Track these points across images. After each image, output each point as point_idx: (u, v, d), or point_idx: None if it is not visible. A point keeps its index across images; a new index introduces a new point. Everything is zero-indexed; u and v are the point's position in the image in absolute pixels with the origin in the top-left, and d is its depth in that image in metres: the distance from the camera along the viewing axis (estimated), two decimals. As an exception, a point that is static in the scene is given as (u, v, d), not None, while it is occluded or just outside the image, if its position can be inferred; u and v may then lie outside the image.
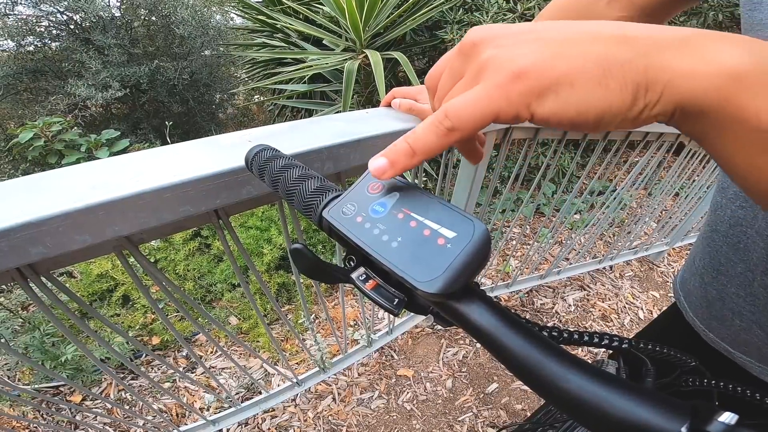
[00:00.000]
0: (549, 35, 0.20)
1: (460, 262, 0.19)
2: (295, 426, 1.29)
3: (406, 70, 1.62)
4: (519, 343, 0.19)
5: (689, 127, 0.19)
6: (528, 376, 0.18)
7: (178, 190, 0.37)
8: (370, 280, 0.23)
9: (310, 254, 0.24)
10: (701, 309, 0.54)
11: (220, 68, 3.96)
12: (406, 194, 0.24)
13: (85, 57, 2.89)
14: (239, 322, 1.67)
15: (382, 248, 0.21)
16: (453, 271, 0.19)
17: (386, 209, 0.23)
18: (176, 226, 0.45)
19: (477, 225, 0.20)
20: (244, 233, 1.80)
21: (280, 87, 2.26)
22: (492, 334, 0.19)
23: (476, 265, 0.20)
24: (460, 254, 0.19)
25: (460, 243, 0.20)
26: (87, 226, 0.34)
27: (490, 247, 0.20)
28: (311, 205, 0.26)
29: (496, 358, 0.20)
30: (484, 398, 1.41)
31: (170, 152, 0.40)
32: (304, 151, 0.45)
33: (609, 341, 0.28)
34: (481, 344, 0.20)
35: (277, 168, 0.29)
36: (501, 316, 0.19)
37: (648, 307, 2.04)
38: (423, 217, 0.22)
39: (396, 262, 0.20)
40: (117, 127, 2.93)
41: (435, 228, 0.21)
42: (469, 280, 0.20)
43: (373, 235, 0.22)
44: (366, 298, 0.23)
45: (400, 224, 0.22)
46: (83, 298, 1.64)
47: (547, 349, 0.19)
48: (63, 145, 2.28)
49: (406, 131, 0.57)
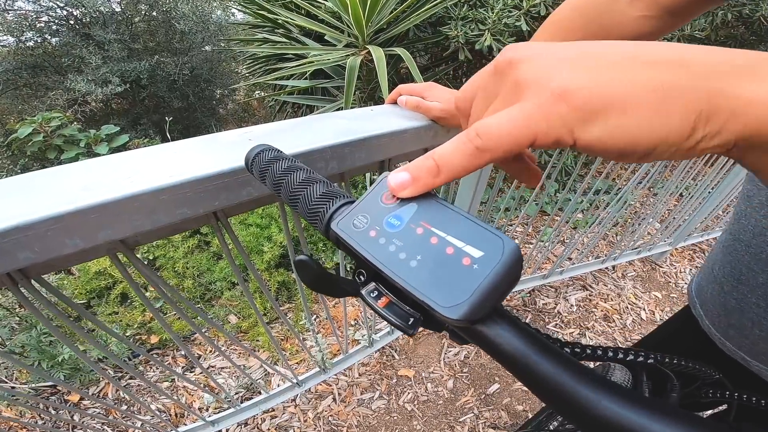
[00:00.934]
0: (596, 56, 0.18)
1: (488, 285, 0.17)
2: (295, 426, 1.28)
3: (410, 66, 1.59)
4: (549, 369, 0.17)
5: (752, 159, 0.17)
6: (560, 403, 0.17)
7: (175, 192, 0.35)
8: (382, 296, 0.21)
9: (315, 266, 0.22)
10: (719, 317, 0.53)
11: (221, 64, 3.93)
12: (425, 205, 0.21)
13: (85, 52, 2.87)
14: (239, 320, 1.66)
15: (400, 268, 0.19)
16: (480, 295, 0.17)
17: (403, 223, 0.21)
18: (173, 228, 0.43)
19: (507, 243, 0.18)
20: (244, 231, 1.79)
21: (281, 83, 2.24)
22: (519, 359, 0.17)
23: (506, 288, 0.18)
24: (489, 276, 0.17)
25: (488, 263, 0.18)
26: (78, 229, 0.33)
27: (521, 267, 0.18)
28: (317, 213, 0.24)
29: (523, 383, 0.18)
30: (485, 399, 1.39)
31: (167, 151, 0.38)
32: (308, 150, 0.43)
33: (634, 356, 0.26)
34: (506, 368, 0.18)
35: (279, 171, 0.27)
36: (529, 340, 0.18)
37: (650, 307, 2.02)
38: (445, 232, 0.19)
39: (415, 284, 0.18)
40: (117, 122, 2.92)
41: (459, 245, 0.19)
42: (497, 304, 0.18)
43: (389, 252, 0.20)
44: (377, 315, 0.21)
45: (419, 240, 0.20)
46: (81, 295, 1.62)
47: (580, 374, 0.17)
48: (62, 140, 2.26)
49: (413, 130, 0.56)
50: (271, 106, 3.05)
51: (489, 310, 0.18)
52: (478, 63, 2.57)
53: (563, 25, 0.52)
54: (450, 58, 2.23)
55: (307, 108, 2.33)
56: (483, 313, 0.17)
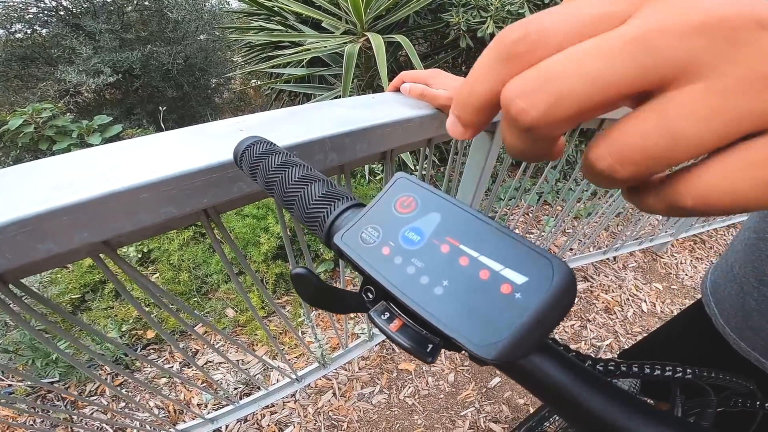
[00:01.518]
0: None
1: (534, 319, 0.14)
2: (295, 422, 1.26)
3: (410, 53, 1.55)
4: (599, 405, 0.14)
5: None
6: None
7: (158, 190, 0.31)
8: (395, 318, 0.17)
9: (315, 280, 0.18)
10: (735, 318, 0.52)
11: (216, 52, 3.85)
12: (450, 216, 0.17)
13: (75, 43, 2.82)
14: (236, 314, 1.63)
15: (422, 296, 0.16)
16: (524, 332, 0.14)
17: (424, 238, 0.17)
18: (159, 227, 0.39)
19: (557, 266, 0.14)
20: (239, 222, 1.75)
21: (277, 71, 2.18)
22: (564, 394, 0.15)
23: (556, 322, 0.14)
24: (535, 309, 0.14)
25: (534, 292, 0.14)
26: (50, 233, 0.29)
27: (575, 296, 0.14)
28: (316, 218, 0.20)
29: (566, 420, 0.15)
30: (486, 393, 1.38)
31: (150, 144, 0.35)
32: (305, 141, 0.39)
33: (672, 372, 0.23)
34: (546, 403, 0.15)
35: (272, 167, 0.23)
36: (574, 372, 0.15)
37: (651, 299, 2.01)
38: (478, 251, 0.16)
39: (442, 317, 0.15)
40: (110, 112, 2.88)
41: (496, 269, 0.15)
42: (544, 339, 0.15)
43: (408, 275, 0.16)
44: (389, 339, 0.17)
45: (445, 261, 0.16)
46: (75, 290, 1.59)
47: (632, 407, 0.14)
48: (54, 131, 2.22)
49: (418, 119, 0.52)
50: (268, 95, 2.99)
51: (534, 348, 0.15)
52: (479, 51, 2.51)
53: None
54: (450, 45, 2.17)
55: (304, 96, 2.28)
56: (527, 353, 0.14)
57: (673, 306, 1.95)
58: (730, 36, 0.11)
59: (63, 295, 1.56)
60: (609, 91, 0.12)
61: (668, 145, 0.11)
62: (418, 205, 0.18)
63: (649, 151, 0.12)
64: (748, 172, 0.11)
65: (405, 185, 0.19)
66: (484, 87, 0.15)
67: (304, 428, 1.25)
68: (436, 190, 0.18)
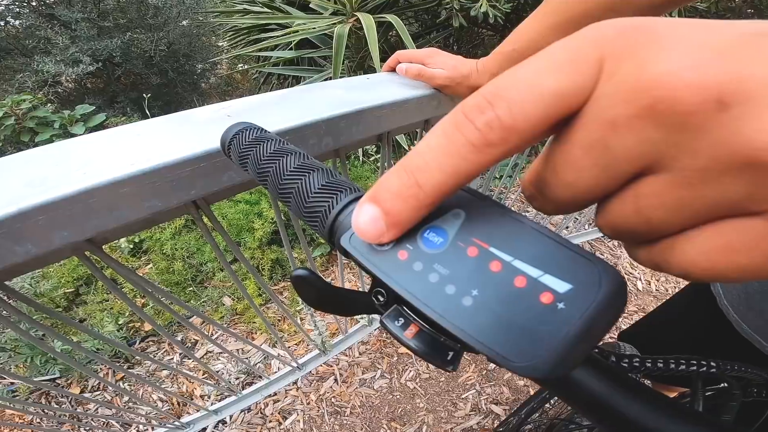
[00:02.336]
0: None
1: (580, 332, 0.12)
2: (298, 409, 1.27)
3: (401, 34, 1.50)
4: (649, 418, 0.13)
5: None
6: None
7: (140, 183, 0.29)
8: (410, 324, 0.15)
9: (317, 281, 0.16)
10: (738, 299, 0.52)
11: (200, 38, 3.73)
12: (475, 212, 0.15)
13: (51, 33, 2.74)
14: (234, 302, 1.62)
15: (449, 308, 0.13)
16: (570, 346, 0.12)
17: (447, 239, 0.14)
18: (146, 222, 0.37)
19: (605, 271, 0.12)
20: (232, 208, 1.71)
21: (264, 54, 2.11)
22: (608, 407, 0.13)
23: (604, 333, 0.12)
24: (581, 321, 0.12)
25: (579, 302, 0.12)
26: (26, 234, 0.27)
27: (625, 304, 0.12)
28: (317, 213, 0.18)
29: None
30: (486, 375, 1.40)
31: (129, 133, 0.32)
32: (299, 125, 0.37)
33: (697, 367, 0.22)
34: (587, 417, 0.14)
35: (264, 155, 0.20)
36: (617, 382, 0.13)
37: (646, 277, 2.03)
38: (511, 254, 0.13)
39: (474, 333, 0.13)
40: (92, 101, 2.80)
41: (534, 275, 0.13)
42: (591, 352, 0.13)
43: (430, 285, 0.14)
44: (405, 347, 0.15)
45: (473, 267, 0.14)
46: (68, 284, 1.57)
47: (681, 416, 0.13)
48: (35, 122, 2.16)
49: (415, 99, 0.49)
50: (256, 79, 2.92)
51: (580, 363, 0.13)
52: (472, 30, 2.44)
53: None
54: (442, 25, 2.11)
55: (294, 79, 2.21)
56: (573, 369, 0.12)
57: (667, 284, 1.97)
58: (685, 122, 0.10)
59: (56, 290, 1.53)
60: (587, 196, 0.13)
61: (647, 229, 0.12)
62: (433, 209, 0.15)
63: (634, 231, 0.13)
64: (725, 255, 0.11)
65: None
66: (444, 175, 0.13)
67: (308, 415, 1.25)
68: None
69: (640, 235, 0.13)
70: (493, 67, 0.50)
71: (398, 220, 0.14)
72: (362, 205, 0.15)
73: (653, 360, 0.21)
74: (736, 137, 0.09)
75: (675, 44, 0.10)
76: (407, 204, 0.14)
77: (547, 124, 0.12)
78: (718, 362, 0.25)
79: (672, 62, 0.10)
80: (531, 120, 0.12)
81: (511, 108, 0.12)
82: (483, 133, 0.12)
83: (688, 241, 0.11)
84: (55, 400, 1.28)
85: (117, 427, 1.18)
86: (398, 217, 0.14)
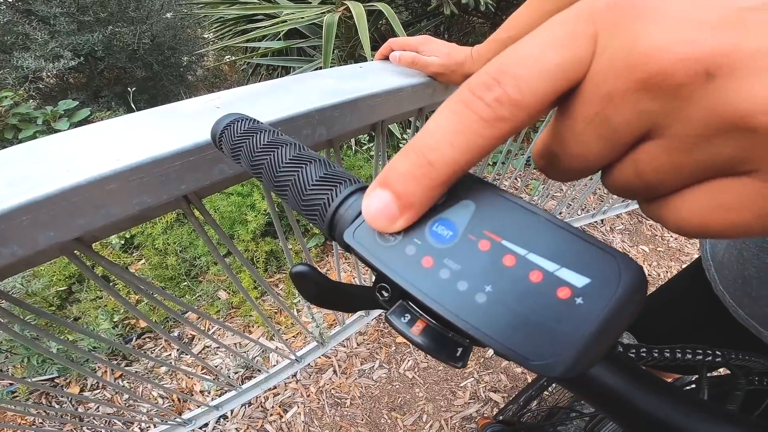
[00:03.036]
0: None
1: (601, 328, 0.11)
2: (298, 402, 1.27)
3: (392, 22, 1.47)
4: (665, 410, 0.12)
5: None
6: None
7: (127, 179, 0.28)
8: (417, 320, 0.14)
9: (317, 277, 0.16)
10: (734, 285, 0.51)
11: (185, 30, 3.65)
12: (486, 203, 0.14)
13: (29, 29, 2.66)
14: (229, 296, 1.61)
15: (462, 305, 0.13)
16: (590, 343, 0.11)
17: (457, 232, 0.14)
18: (136, 218, 0.36)
19: (624, 263, 0.12)
20: (224, 201, 1.69)
21: (252, 45, 2.07)
22: (624, 402, 0.13)
23: (624, 328, 0.12)
24: (602, 317, 0.11)
25: (598, 296, 0.11)
26: (10, 235, 0.26)
27: (645, 296, 0.12)
28: (315, 205, 0.17)
29: (623, 428, 0.13)
30: (484, 362, 1.41)
31: (113, 128, 0.31)
32: (292, 116, 0.36)
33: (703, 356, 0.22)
34: (602, 412, 0.13)
35: (258, 147, 0.20)
36: (632, 377, 0.13)
37: (639, 262, 2.05)
38: (525, 248, 0.13)
39: (490, 331, 0.12)
40: (75, 96, 2.75)
41: (550, 269, 0.12)
42: (611, 347, 0.12)
43: (441, 281, 0.13)
44: (412, 345, 0.15)
45: (485, 261, 0.13)
46: (60, 282, 1.54)
47: (690, 407, 0.13)
48: (18, 119, 2.10)
49: (409, 88, 0.48)
50: (244, 70, 2.87)
51: (600, 359, 0.12)
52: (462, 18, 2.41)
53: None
54: (433, 13, 2.08)
55: (283, 69, 2.18)
56: (593, 365, 0.12)
57: (660, 269, 2.00)
58: (676, 93, 0.10)
59: (48, 289, 1.51)
60: (594, 165, 0.13)
61: (647, 189, 0.13)
62: (447, 192, 0.15)
63: (635, 191, 0.13)
64: (716, 213, 0.11)
65: None
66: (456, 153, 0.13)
67: (308, 408, 1.26)
68: (469, 173, 0.15)
69: (642, 194, 0.14)
70: (487, 53, 0.49)
71: (411, 201, 0.14)
72: (371, 192, 0.15)
73: (660, 350, 0.21)
74: (724, 105, 0.10)
75: (665, 18, 0.10)
76: (420, 184, 0.13)
77: (553, 98, 0.12)
78: (723, 351, 0.24)
79: (662, 36, 0.10)
80: (538, 95, 0.12)
81: (519, 84, 0.12)
82: (493, 108, 0.12)
83: (681, 200, 0.12)
84: (56, 400, 1.27)
85: (119, 425, 1.17)
86: (411, 198, 0.14)
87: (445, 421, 1.26)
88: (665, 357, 0.21)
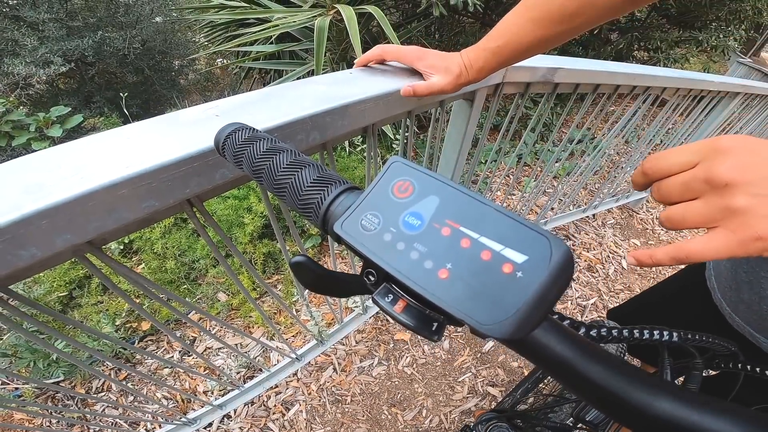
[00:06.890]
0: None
1: (537, 296, 0.14)
2: (300, 400, 1.29)
3: (383, 24, 1.49)
4: (600, 374, 0.15)
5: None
6: (611, 407, 0.15)
7: (136, 184, 0.30)
8: (399, 299, 0.17)
9: (314, 267, 0.18)
10: (729, 291, 0.52)
11: (176, 34, 3.65)
12: (448, 198, 0.18)
13: (18, 35, 2.65)
14: (228, 298, 1.63)
15: (428, 280, 0.16)
16: (529, 309, 0.14)
17: (424, 222, 0.17)
18: (143, 221, 0.38)
19: (554, 243, 0.15)
20: (221, 204, 1.71)
21: (244, 49, 2.08)
22: (568, 367, 0.15)
23: (556, 297, 0.15)
24: (537, 287, 0.14)
25: (534, 270, 0.15)
26: (30, 238, 0.28)
27: (573, 271, 0.15)
28: (310, 204, 0.20)
29: (570, 390, 0.16)
30: (481, 357, 1.44)
31: (120, 137, 0.33)
32: (287, 122, 0.38)
33: (660, 336, 0.25)
34: (551, 375, 0.16)
35: (258, 154, 0.22)
36: (575, 345, 0.16)
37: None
38: (478, 232, 0.16)
39: (449, 300, 0.15)
40: (67, 102, 2.75)
41: (497, 249, 0.15)
42: (547, 315, 0.15)
43: (412, 261, 0.16)
44: (394, 321, 0.18)
45: (446, 244, 0.16)
46: (61, 287, 1.55)
47: (631, 376, 0.16)
48: (10, 126, 2.10)
49: (398, 92, 0.51)
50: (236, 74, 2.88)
51: (539, 323, 0.15)
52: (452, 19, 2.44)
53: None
54: (423, 14, 2.10)
55: (276, 73, 2.19)
56: (533, 328, 0.15)
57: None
58: (715, 186, 0.23)
59: (49, 294, 1.52)
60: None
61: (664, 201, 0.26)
62: (416, 189, 0.18)
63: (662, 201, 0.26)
64: (673, 213, 0.25)
65: (400, 169, 0.19)
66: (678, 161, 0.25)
67: (310, 405, 1.28)
68: (431, 172, 0.18)
69: (666, 196, 0.25)
70: (478, 62, 0.50)
71: (649, 181, 0.28)
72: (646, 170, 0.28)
73: (620, 330, 0.23)
74: (730, 201, 0.22)
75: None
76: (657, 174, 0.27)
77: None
78: (681, 332, 0.27)
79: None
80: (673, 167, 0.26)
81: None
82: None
83: (683, 210, 0.24)
84: (62, 403, 1.28)
85: (125, 426, 1.19)
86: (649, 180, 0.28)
87: (444, 416, 1.29)
88: (624, 336, 0.23)
